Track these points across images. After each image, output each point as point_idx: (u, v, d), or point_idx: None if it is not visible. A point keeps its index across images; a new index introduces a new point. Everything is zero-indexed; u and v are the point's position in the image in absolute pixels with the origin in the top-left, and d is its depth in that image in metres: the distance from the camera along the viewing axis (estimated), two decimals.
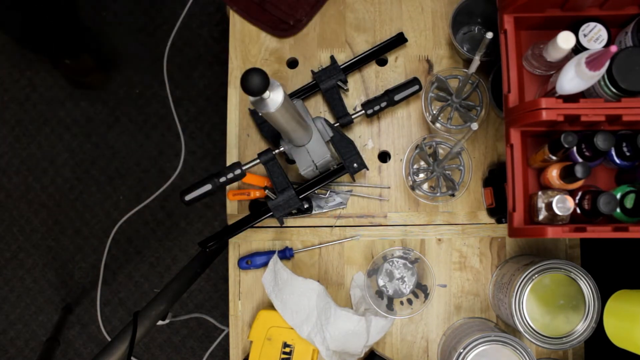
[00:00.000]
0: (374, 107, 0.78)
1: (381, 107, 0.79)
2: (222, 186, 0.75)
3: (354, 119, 0.79)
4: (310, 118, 0.76)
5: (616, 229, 0.59)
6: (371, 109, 0.79)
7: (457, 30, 0.81)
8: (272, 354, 0.77)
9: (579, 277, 0.68)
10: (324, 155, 0.74)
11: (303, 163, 0.74)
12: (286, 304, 0.77)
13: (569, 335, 0.68)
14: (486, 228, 0.82)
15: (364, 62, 0.82)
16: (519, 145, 0.65)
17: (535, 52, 0.65)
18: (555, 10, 0.66)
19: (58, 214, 1.65)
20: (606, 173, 0.69)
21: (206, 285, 1.61)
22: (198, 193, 0.73)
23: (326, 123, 0.76)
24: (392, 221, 0.83)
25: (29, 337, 1.65)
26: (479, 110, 0.79)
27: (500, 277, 0.77)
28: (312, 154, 0.74)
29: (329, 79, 0.80)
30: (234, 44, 0.86)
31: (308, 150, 0.74)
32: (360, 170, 0.76)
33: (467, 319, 0.81)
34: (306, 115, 0.75)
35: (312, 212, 0.82)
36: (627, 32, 0.64)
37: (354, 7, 0.85)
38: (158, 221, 1.63)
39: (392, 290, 0.80)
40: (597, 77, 0.56)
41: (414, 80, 0.79)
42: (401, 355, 0.81)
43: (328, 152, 0.74)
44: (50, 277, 1.65)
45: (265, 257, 0.81)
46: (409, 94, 0.79)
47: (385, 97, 0.79)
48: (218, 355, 1.60)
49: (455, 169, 0.78)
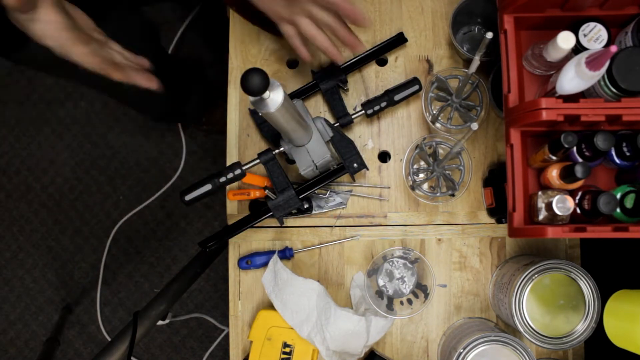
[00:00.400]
0: (374, 107, 0.78)
1: (381, 107, 0.79)
2: (222, 186, 0.75)
3: (354, 119, 0.79)
4: (310, 118, 0.76)
5: (616, 229, 0.59)
6: (371, 109, 0.78)
7: (457, 30, 0.81)
8: (272, 354, 0.77)
9: (579, 277, 0.68)
10: (324, 155, 0.74)
11: (303, 163, 0.74)
12: (286, 304, 0.77)
13: (569, 335, 0.68)
14: (486, 228, 0.82)
15: (364, 62, 0.82)
16: (519, 145, 0.65)
17: (535, 52, 0.65)
18: (555, 10, 0.66)
19: (58, 214, 1.65)
20: (606, 173, 0.69)
21: (206, 285, 1.61)
22: (198, 193, 0.73)
23: (326, 123, 0.76)
24: (392, 221, 0.83)
25: (29, 337, 1.65)
26: (479, 110, 0.79)
27: (500, 277, 0.77)
28: (312, 154, 0.74)
29: (329, 79, 0.80)
30: (234, 44, 0.86)
31: (308, 150, 0.74)
32: (360, 170, 0.76)
33: (467, 319, 0.81)
34: (306, 115, 0.75)
35: (312, 212, 0.82)
36: (627, 32, 0.64)
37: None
38: (158, 221, 1.63)
39: (392, 290, 0.80)
40: (597, 77, 0.56)
41: (413, 80, 0.79)
42: (401, 355, 0.81)
43: (328, 152, 0.74)
44: (50, 277, 1.65)
45: (265, 257, 0.81)
46: (408, 94, 0.79)
47: (385, 97, 0.78)
48: (218, 355, 1.60)
49: (455, 169, 0.78)
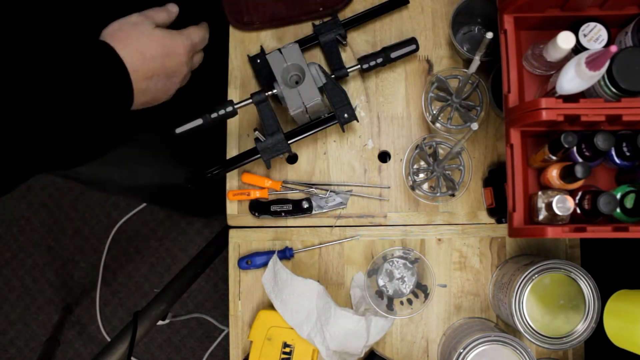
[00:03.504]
0: (370, 62, 0.79)
1: (377, 62, 0.79)
2: (213, 123, 0.74)
3: (349, 72, 0.80)
4: (304, 62, 0.76)
5: (616, 229, 0.59)
6: (367, 63, 0.79)
7: (457, 30, 0.81)
8: (272, 354, 0.77)
9: (579, 277, 0.68)
10: (314, 98, 0.74)
11: (294, 103, 0.75)
12: (286, 304, 0.77)
13: (569, 335, 0.68)
14: (486, 228, 0.82)
15: (365, 18, 0.83)
16: (519, 145, 0.65)
17: (535, 52, 0.65)
18: (555, 10, 0.66)
19: (58, 214, 1.65)
20: (606, 173, 0.69)
21: (206, 285, 1.61)
22: (189, 127, 0.73)
23: (320, 70, 0.77)
24: (392, 221, 0.83)
25: (29, 337, 1.65)
26: (479, 110, 0.79)
27: (500, 277, 0.77)
28: (303, 95, 0.75)
29: (329, 32, 0.81)
30: (233, 43, 0.86)
31: (300, 91, 0.75)
32: (350, 121, 0.76)
33: (467, 319, 0.81)
34: (300, 59, 0.77)
35: (312, 212, 0.82)
36: (627, 32, 0.64)
37: (353, 7, 0.85)
38: (158, 221, 1.63)
39: (392, 290, 0.80)
40: (597, 77, 0.56)
41: (411, 39, 0.80)
42: (401, 355, 0.81)
43: (319, 96, 0.74)
44: (50, 277, 1.65)
45: (265, 257, 0.81)
46: (405, 53, 0.79)
47: (381, 54, 0.79)
48: (218, 355, 1.60)
49: (455, 169, 0.78)
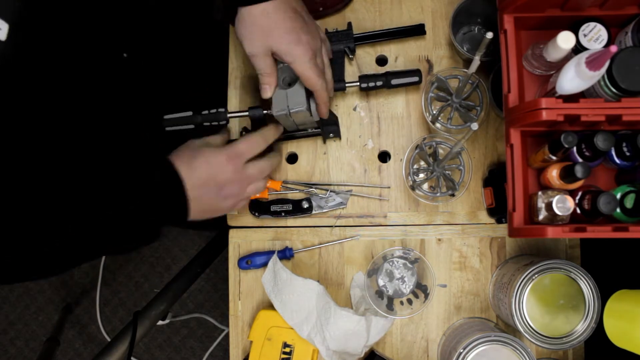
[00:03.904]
0: (369, 82, 0.79)
1: (376, 85, 0.79)
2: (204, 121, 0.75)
3: (347, 86, 0.80)
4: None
5: (616, 229, 0.59)
6: (366, 83, 0.79)
7: (457, 30, 0.81)
8: (272, 354, 0.77)
9: (579, 277, 0.68)
10: (299, 106, 0.73)
11: (278, 104, 0.74)
12: (286, 304, 0.77)
13: (569, 335, 0.68)
14: (486, 228, 0.82)
15: (376, 37, 0.83)
16: (519, 145, 0.65)
17: (535, 52, 0.65)
18: (555, 10, 0.66)
19: None
20: (606, 173, 0.69)
21: (206, 285, 1.61)
22: (177, 116, 0.74)
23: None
24: (392, 221, 0.83)
25: (29, 337, 1.65)
26: (479, 110, 0.79)
27: (500, 277, 0.77)
28: (289, 99, 0.74)
29: (339, 42, 0.81)
30: (233, 43, 0.86)
31: (287, 94, 0.74)
32: (333, 138, 0.81)
33: (467, 319, 0.81)
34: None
35: (312, 212, 0.82)
36: (627, 32, 0.64)
37: (353, 7, 0.85)
38: None
39: (392, 290, 0.80)
40: (597, 77, 0.56)
41: (416, 71, 0.79)
42: (401, 355, 0.81)
43: (304, 105, 0.74)
44: (50, 277, 1.65)
45: (265, 257, 0.81)
46: (406, 83, 0.79)
47: (382, 78, 0.79)
48: (218, 355, 1.60)
49: (455, 169, 0.78)
